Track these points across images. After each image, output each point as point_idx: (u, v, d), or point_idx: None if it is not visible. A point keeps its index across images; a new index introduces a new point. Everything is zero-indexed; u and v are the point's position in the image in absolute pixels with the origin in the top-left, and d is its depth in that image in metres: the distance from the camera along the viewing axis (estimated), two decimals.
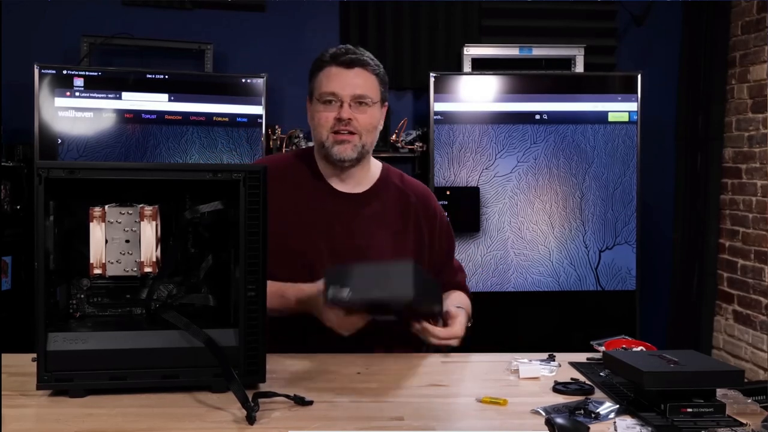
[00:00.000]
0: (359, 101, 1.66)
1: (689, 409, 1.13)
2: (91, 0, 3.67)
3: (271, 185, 1.57)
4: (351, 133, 1.66)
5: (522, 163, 3.51)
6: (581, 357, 1.54)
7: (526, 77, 3.59)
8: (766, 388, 1.80)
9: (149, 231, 1.28)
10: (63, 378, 1.22)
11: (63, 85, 3.32)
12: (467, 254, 3.45)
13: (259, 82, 3.49)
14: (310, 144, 3.70)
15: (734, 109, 3.79)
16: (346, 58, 1.67)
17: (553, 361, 1.50)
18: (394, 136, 3.62)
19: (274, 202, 1.57)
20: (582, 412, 1.17)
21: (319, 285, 1.46)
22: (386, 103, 1.76)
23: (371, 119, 1.68)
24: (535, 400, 1.25)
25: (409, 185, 1.79)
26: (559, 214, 3.52)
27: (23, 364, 1.33)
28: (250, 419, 1.11)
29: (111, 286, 1.33)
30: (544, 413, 1.17)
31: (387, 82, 1.75)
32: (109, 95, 3.38)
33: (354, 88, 1.65)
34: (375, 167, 1.78)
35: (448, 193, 3.43)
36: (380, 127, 1.74)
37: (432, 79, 3.49)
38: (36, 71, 3.29)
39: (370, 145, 1.70)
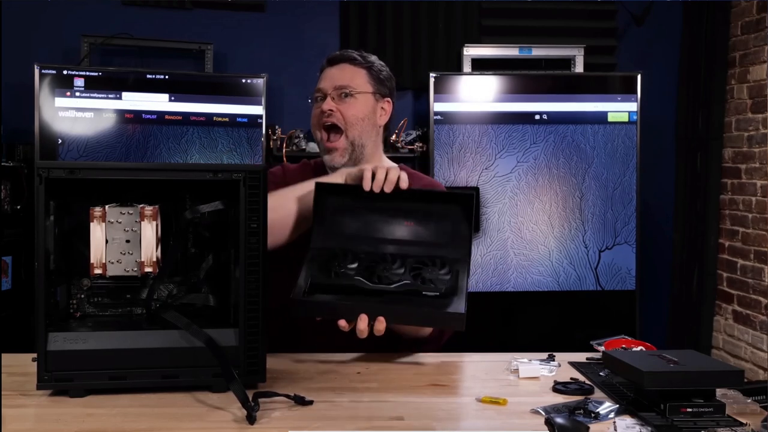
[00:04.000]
0: (341, 92, 1.68)
1: (689, 409, 1.13)
2: (91, 0, 3.67)
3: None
4: (335, 126, 1.67)
5: (522, 163, 3.51)
6: (581, 357, 1.54)
7: (526, 77, 3.59)
8: (766, 388, 1.80)
9: (149, 231, 1.28)
10: (63, 378, 1.22)
11: (63, 85, 3.33)
12: None
13: (259, 82, 3.49)
14: (311, 144, 3.73)
15: (734, 109, 3.79)
16: (333, 57, 1.73)
17: (553, 360, 1.50)
18: (394, 137, 3.63)
19: None
20: (582, 411, 1.17)
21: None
22: (387, 99, 1.75)
23: (355, 110, 1.67)
24: (535, 399, 1.25)
25: (416, 178, 1.78)
26: (558, 214, 3.52)
27: (23, 364, 1.33)
28: (251, 419, 1.11)
29: (111, 286, 1.33)
30: (543, 413, 1.17)
31: (387, 78, 1.75)
32: (110, 95, 3.38)
33: (335, 80, 1.69)
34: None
35: None
36: (377, 120, 1.73)
37: (432, 79, 3.50)
38: (36, 71, 3.29)
39: (359, 137, 1.68)
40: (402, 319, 1.35)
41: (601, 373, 1.40)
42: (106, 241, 1.28)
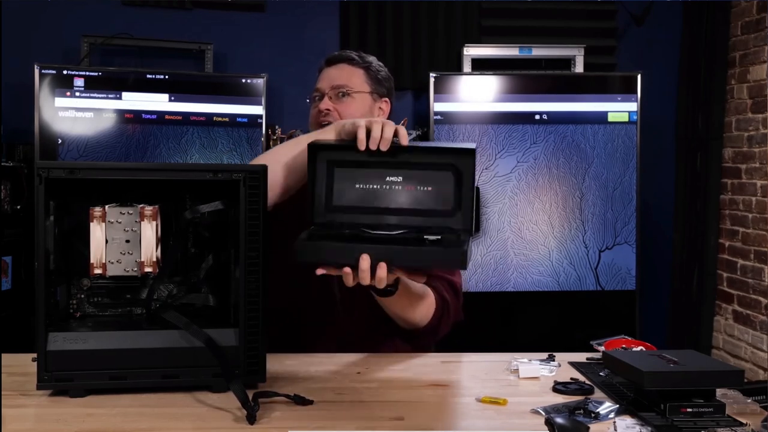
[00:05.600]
0: (339, 92, 1.67)
1: (689, 409, 1.13)
2: (91, 0, 3.67)
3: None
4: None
5: (522, 163, 3.51)
6: (581, 357, 1.54)
7: (526, 77, 3.59)
8: (766, 388, 1.80)
9: (149, 231, 1.28)
10: (63, 378, 1.22)
11: (63, 85, 3.33)
12: None
13: (259, 82, 3.49)
14: None
15: (734, 109, 3.79)
16: (332, 57, 1.73)
17: (553, 360, 1.50)
18: None
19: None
20: (582, 411, 1.17)
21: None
22: (385, 99, 1.74)
23: (352, 109, 1.67)
24: (535, 399, 1.25)
25: None
26: (558, 214, 3.52)
27: (23, 364, 1.33)
28: (251, 419, 1.11)
29: (111, 286, 1.33)
30: (543, 413, 1.17)
31: (385, 78, 1.74)
32: (110, 95, 3.38)
33: (333, 80, 1.68)
34: None
35: None
36: None
37: (432, 79, 3.49)
38: (36, 71, 3.29)
39: None
40: (404, 259, 1.31)
41: (601, 373, 1.40)
42: (106, 241, 1.28)
